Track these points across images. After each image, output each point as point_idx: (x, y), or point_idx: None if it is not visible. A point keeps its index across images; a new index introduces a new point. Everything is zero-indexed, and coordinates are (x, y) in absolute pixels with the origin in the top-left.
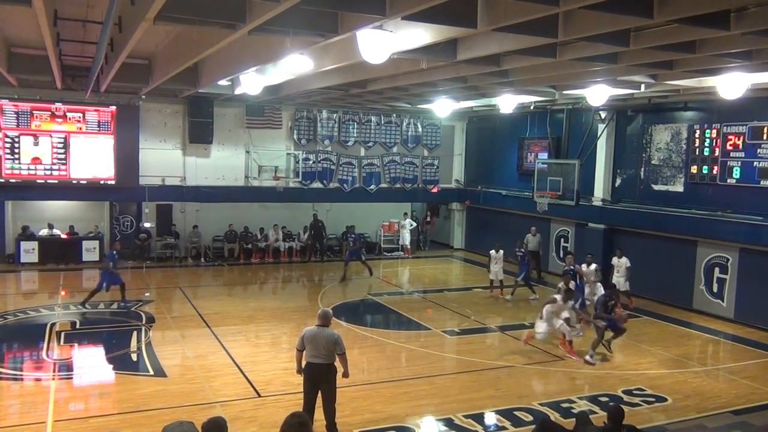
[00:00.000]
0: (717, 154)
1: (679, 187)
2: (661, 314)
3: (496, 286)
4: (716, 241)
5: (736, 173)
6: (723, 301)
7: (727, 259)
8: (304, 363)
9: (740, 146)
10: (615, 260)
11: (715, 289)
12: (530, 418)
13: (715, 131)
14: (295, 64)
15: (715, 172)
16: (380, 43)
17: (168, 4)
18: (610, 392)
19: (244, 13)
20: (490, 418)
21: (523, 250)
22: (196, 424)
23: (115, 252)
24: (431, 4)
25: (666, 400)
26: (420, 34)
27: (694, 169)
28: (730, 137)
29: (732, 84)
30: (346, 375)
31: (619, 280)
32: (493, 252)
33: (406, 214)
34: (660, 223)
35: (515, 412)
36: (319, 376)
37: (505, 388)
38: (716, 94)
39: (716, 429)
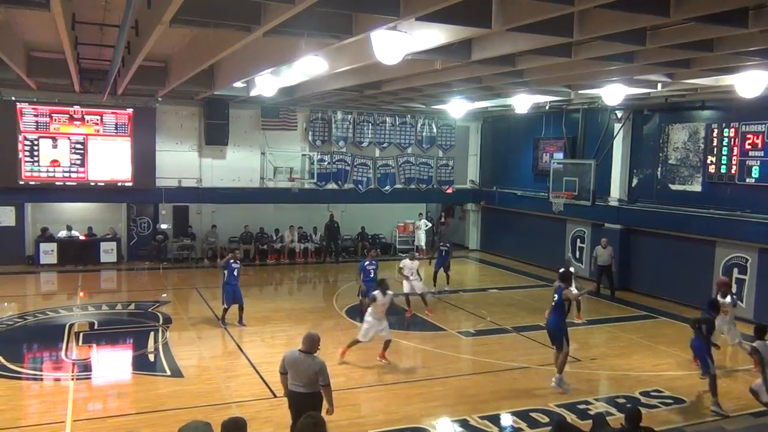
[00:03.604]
0: (735, 153)
1: (696, 187)
2: (679, 315)
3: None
4: (735, 242)
5: (755, 173)
6: (742, 302)
7: (746, 260)
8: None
9: (759, 145)
10: (407, 261)
11: (734, 290)
12: (546, 419)
13: (733, 130)
14: (309, 66)
15: (733, 171)
16: (394, 44)
17: (183, 6)
18: (628, 394)
19: (259, 15)
20: (506, 420)
21: (448, 244)
22: (213, 424)
23: (233, 261)
24: (445, 4)
25: (684, 401)
26: (434, 35)
27: (712, 168)
28: (748, 136)
29: (750, 82)
30: (330, 412)
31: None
32: (407, 261)
33: (420, 214)
34: (678, 223)
35: (531, 414)
36: (302, 406)
37: (521, 389)
38: (734, 93)
39: (735, 431)
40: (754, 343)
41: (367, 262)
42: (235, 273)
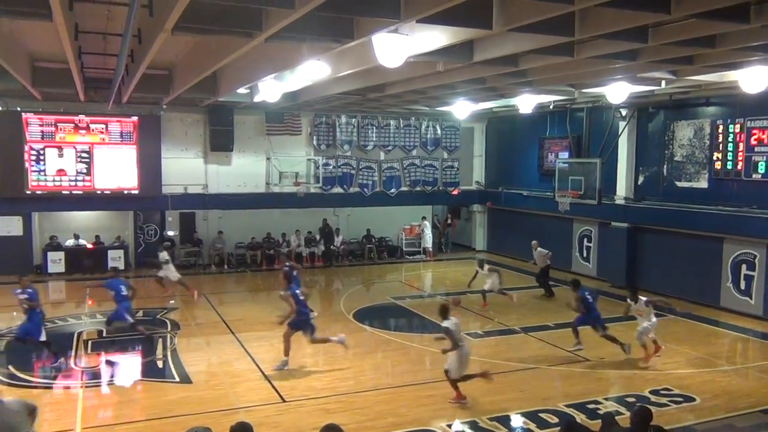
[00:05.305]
0: (741, 149)
1: (703, 184)
2: (688, 313)
3: None
4: (743, 238)
5: (762, 168)
6: (751, 299)
7: (755, 256)
8: None
9: (765, 141)
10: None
11: (742, 287)
12: (556, 420)
13: (738, 126)
14: (312, 70)
15: (739, 167)
16: (396, 46)
17: (185, 14)
18: (637, 392)
19: (260, 21)
20: (516, 421)
21: (287, 264)
22: (221, 430)
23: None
24: (446, 6)
25: (694, 399)
26: (435, 37)
27: (718, 165)
28: (754, 132)
29: (754, 78)
30: None
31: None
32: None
33: (424, 218)
34: (685, 220)
35: (540, 414)
36: None
37: (530, 389)
38: (739, 89)
39: (746, 429)
40: (443, 323)
41: (18, 290)
42: (123, 292)
